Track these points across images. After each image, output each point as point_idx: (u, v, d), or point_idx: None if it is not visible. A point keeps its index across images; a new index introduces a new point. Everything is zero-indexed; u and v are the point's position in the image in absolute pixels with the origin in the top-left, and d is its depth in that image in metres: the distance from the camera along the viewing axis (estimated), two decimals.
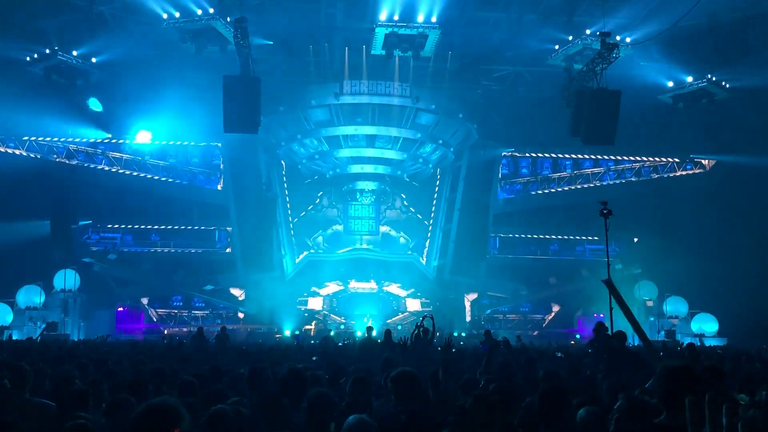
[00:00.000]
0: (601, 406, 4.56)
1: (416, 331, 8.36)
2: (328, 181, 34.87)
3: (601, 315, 28.57)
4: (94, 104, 29.45)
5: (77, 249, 31.38)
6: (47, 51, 25.55)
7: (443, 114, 31.38)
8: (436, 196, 35.65)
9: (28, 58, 25.61)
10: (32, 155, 30.65)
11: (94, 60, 26.60)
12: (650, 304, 31.79)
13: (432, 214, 35.64)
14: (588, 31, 25.26)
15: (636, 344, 15.78)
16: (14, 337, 24.93)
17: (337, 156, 32.78)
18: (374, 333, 16.69)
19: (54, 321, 27.67)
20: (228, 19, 23.33)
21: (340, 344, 17.86)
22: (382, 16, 24.46)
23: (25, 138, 30.36)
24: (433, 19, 24.51)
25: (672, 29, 22.71)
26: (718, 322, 29.66)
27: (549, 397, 4.37)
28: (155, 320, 32.34)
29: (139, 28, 25.61)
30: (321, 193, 35.82)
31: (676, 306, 31.19)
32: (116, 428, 4.43)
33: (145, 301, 32.34)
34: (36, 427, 4.73)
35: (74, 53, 26.08)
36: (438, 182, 35.66)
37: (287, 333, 28.76)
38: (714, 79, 27.11)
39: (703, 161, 33.30)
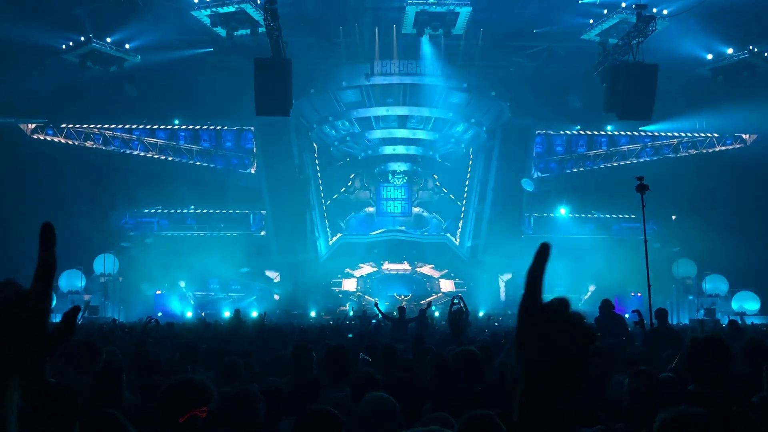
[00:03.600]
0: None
1: (454, 308, 8.35)
2: (359, 163, 34.86)
3: (639, 294, 28.19)
4: (129, 90, 29.81)
5: (115, 234, 31.99)
6: (82, 38, 25.86)
7: (475, 92, 31.06)
8: (468, 176, 35.35)
9: (63, 46, 25.94)
10: (70, 142, 31.26)
11: (127, 46, 26.87)
12: (689, 282, 31.24)
13: (465, 194, 35.37)
14: (623, 4, 24.63)
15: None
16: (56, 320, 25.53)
17: (369, 137, 32.72)
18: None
19: (94, 305, 28.34)
20: (258, 2, 23.33)
21: (374, 322, 17.92)
22: None
23: (63, 125, 30.96)
24: None
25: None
26: (759, 300, 29.03)
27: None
28: (192, 303, 32.84)
29: (170, 13, 25.76)
30: (353, 175, 35.82)
31: (715, 284, 30.59)
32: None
33: (182, 284, 32.82)
34: None
35: (108, 40, 26.36)
36: (471, 162, 35.35)
37: (312, 314, 28.83)
38: (756, 50, 26.26)
39: (743, 136, 32.41)
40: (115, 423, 3.10)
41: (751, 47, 26.24)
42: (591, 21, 25.93)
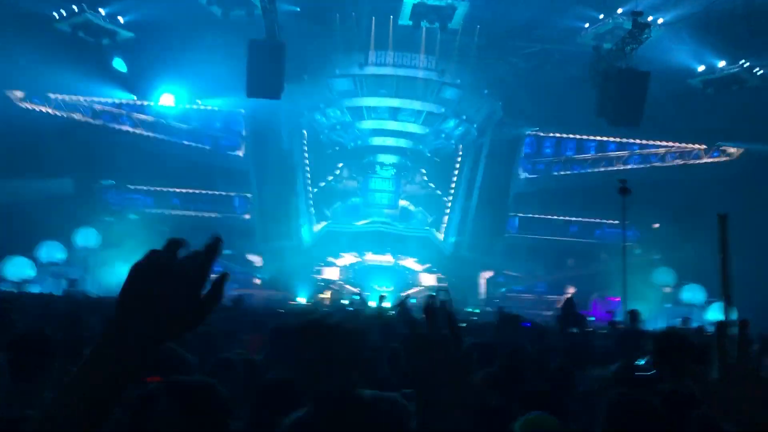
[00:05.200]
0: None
1: (432, 302, 8.36)
2: (349, 153, 34.81)
3: (617, 298, 28.45)
4: (119, 64, 29.55)
5: (98, 208, 31.77)
6: (75, 8, 25.60)
7: (468, 89, 31.11)
8: (456, 172, 35.43)
9: (55, 15, 25.68)
10: (57, 113, 30.94)
11: (121, 19, 26.66)
12: (668, 290, 31.52)
13: (452, 191, 35.46)
14: (620, 10, 24.79)
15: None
16: (35, 291, 25.37)
17: (359, 127, 32.69)
18: (387, 304, 16.75)
19: (74, 278, 28.14)
20: None
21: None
22: None
23: (51, 95, 30.63)
24: None
25: (706, 11, 22.26)
26: (737, 311, 29.28)
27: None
28: None
29: None
30: (341, 164, 35.78)
31: (693, 293, 30.88)
32: None
33: None
34: None
35: (101, 11, 26.13)
36: (459, 158, 35.43)
37: (300, 300, 28.93)
38: (747, 65, 26.52)
39: (730, 149, 32.70)
40: None
41: (742, 62, 26.50)
42: (587, 25, 26.07)
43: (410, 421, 1.94)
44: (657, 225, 32.78)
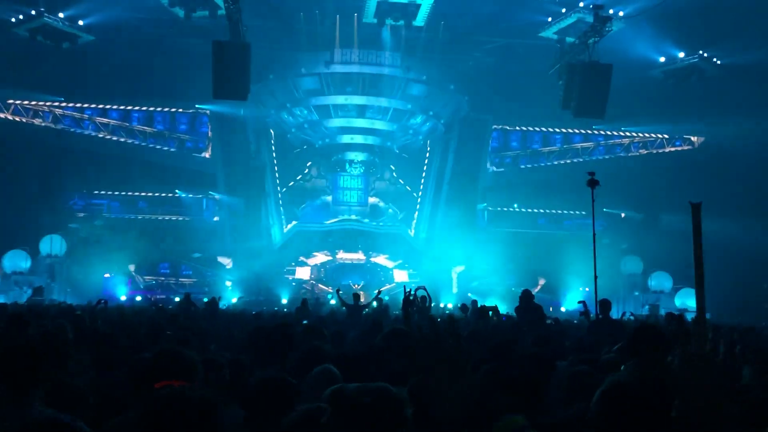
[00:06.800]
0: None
1: (411, 299, 8.46)
2: (317, 151, 34.71)
3: (587, 289, 28.86)
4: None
5: (63, 214, 31.21)
6: (33, 12, 25.07)
7: (434, 85, 31.25)
8: (425, 168, 35.57)
9: (13, 19, 25.12)
10: (17, 119, 30.28)
11: (81, 23, 26.17)
12: (636, 279, 32.09)
13: (421, 186, 35.60)
14: (581, 4, 25.13)
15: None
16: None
17: (327, 126, 32.61)
18: (362, 300, 16.72)
19: (41, 286, 27.62)
20: None
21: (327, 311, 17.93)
22: None
23: (10, 101, 29.96)
24: None
25: (664, 4, 22.62)
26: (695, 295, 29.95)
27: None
28: (142, 287, 32.28)
29: None
30: (310, 163, 35.66)
31: (660, 281, 31.52)
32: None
33: (132, 267, 32.22)
34: None
35: (61, 15, 25.62)
36: (428, 154, 35.58)
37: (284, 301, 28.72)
38: (705, 55, 27.13)
39: (692, 138, 33.40)
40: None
41: (701, 52, 27.08)
42: (549, 19, 26.38)
43: (404, 409, 1.97)
44: (623, 215, 33.35)
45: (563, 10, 25.86)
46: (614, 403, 2.07)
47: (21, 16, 25.12)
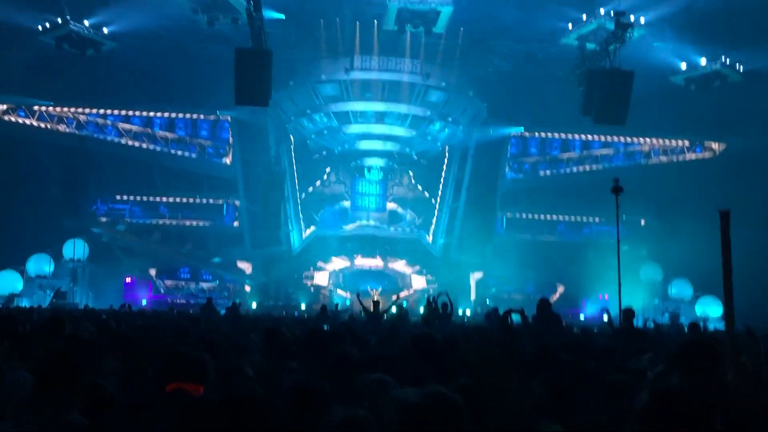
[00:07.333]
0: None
1: (433, 305, 8.51)
2: (336, 157, 34.86)
3: (606, 296, 28.67)
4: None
5: (86, 219, 31.61)
6: (59, 20, 25.45)
7: (453, 91, 31.26)
8: (444, 174, 35.59)
9: (40, 27, 25.52)
10: (42, 125, 30.78)
11: (105, 30, 26.51)
12: (656, 286, 31.79)
13: (439, 192, 35.61)
14: (602, 10, 25.03)
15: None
16: (23, 305, 25.21)
17: (346, 132, 32.74)
18: (381, 306, 16.77)
19: (63, 290, 27.99)
20: None
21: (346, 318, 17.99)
22: None
23: (36, 108, 30.45)
24: None
25: (687, 10, 22.57)
26: (722, 305, 29.67)
27: None
28: (162, 291, 32.59)
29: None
30: (329, 168, 35.82)
31: (680, 288, 31.24)
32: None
33: (152, 272, 32.56)
34: None
35: (86, 23, 25.97)
36: (446, 160, 35.59)
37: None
38: (728, 62, 26.85)
39: (713, 145, 33.11)
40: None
41: (723, 58, 26.81)
42: (570, 26, 26.28)
43: (462, 418, 2.01)
44: (643, 221, 33.12)
45: (584, 17, 25.76)
46: (663, 412, 2.10)
47: (47, 24, 25.50)
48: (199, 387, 3.19)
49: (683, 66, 27.64)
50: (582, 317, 30.24)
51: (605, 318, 11.59)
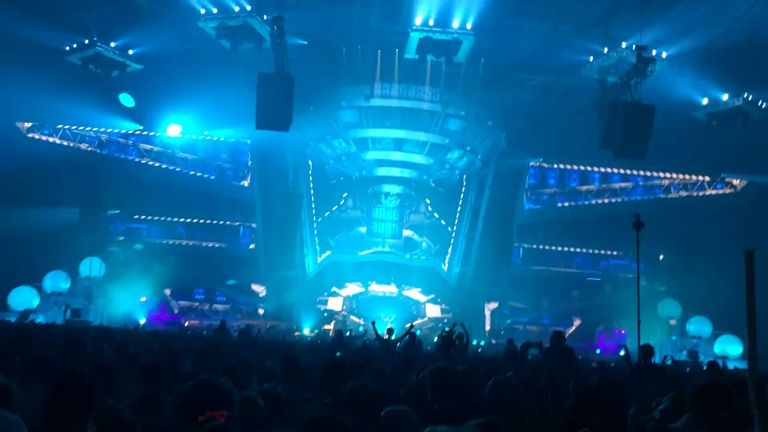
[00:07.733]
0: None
1: (445, 335, 8.41)
2: (353, 183, 34.97)
3: (623, 331, 28.29)
4: (126, 100, 29.82)
5: (104, 237, 31.88)
6: (86, 41, 25.90)
7: (472, 121, 31.32)
8: (461, 202, 35.53)
9: (67, 48, 25.96)
10: (65, 143, 31.26)
11: (131, 52, 26.92)
12: (673, 323, 31.37)
13: (456, 221, 35.52)
14: (624, 44, 25.00)
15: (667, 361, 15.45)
16: (38, 321, 25.31)
17: (364, 158, 32.86)
18: (393, 336, 16.66)
19: (77, 307, 28.12)
20: (264, 17, 23.52)
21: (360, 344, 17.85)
22: (418, 20, 24.40)
23: (59, 126, 30.97)
24: (468, 26, 24.38)
25: (709, 46, 22.49)
26: (742, 343, 29.18)
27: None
28: (176, 312, 32.64)
29: (176, 23, 25.84)
30: (346, 194, 35.91)
31: (699, 326, 30.75)
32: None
33: (167, 292, 32.66)
34: None
35: (112, 45, 26.41)
36: (464, 189, 35.56)
37: (306, 331, 28.86)
38: (750, 98, 26.66)
39: (734, 181, 32.83)
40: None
41: (745, 95, 26.63)
42: (591, 58, 26.28)
43: None
44: (662, 256, 32.77)
45: (605, 50, 25.77)
46: None
47: (75, 45, 25.95)
48: (225, 412, 3.21)
49: (705, 101, 27.50)
50: (598, 351, 29.82)
51: (622, 353, 11.37)
